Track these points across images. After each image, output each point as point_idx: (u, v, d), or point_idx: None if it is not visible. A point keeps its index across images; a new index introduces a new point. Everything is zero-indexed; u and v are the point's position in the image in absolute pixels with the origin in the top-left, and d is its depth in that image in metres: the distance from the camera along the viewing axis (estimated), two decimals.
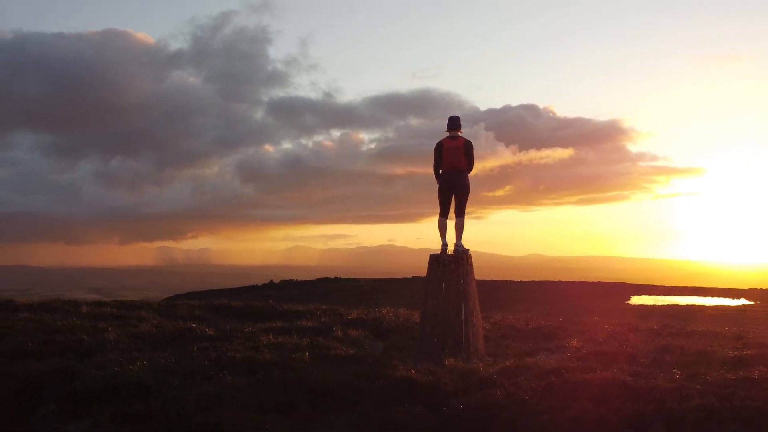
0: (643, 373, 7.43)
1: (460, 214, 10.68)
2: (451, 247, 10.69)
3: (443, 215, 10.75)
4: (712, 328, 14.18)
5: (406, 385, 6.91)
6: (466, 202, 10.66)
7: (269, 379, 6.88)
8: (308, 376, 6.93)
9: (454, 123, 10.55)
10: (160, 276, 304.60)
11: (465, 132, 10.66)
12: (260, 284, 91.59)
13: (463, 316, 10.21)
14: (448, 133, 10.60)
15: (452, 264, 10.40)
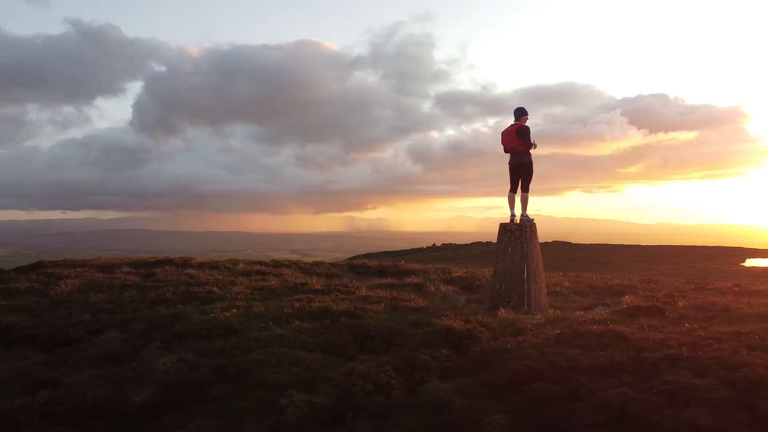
0: (656, 325, 7.10)
1: (524, 190, 10.59)
2: (518, 218, 10.65)
3: (512, 190, 10.71)
4: None
5: (445, 331, 7.12)
6: (528, 178, 10.55)
7: (335, 324, 7.33)
8: (365, 322, 7.32)
9: (515, 113, 10.53)
10: (346, 240, 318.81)
11: (604, 117, 10.76)
12: (425, 247, 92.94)
13: (525, 275, 10.20)
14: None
15: (517, 231, 10.41)
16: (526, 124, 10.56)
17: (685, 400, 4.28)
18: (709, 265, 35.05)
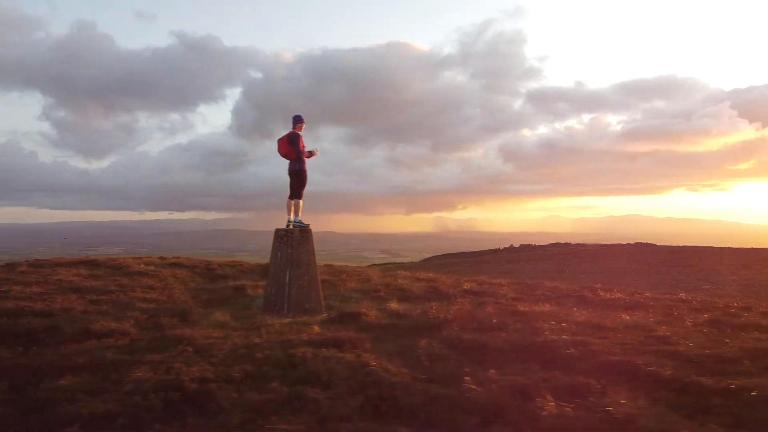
0: (278, 331, 7.30)
1: (296, 196, 10.81)
2: (292, 223, 10.86)
3: (290, 196, 10.92)
4: None
5: (83, 331, 7.60)
6: (298, 185, 10.75)
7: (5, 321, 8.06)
8: (25, 321, 7.94)
9: (293, 120, 10.77)
10: (434, 240, 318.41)
11: (710, 110, 10.86)
12: (501, 248, 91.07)
13: (287, 280, 10.41)
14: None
15: (285, 237, 10.63)
16: (300, 132, 10.77)
17: None
18: None
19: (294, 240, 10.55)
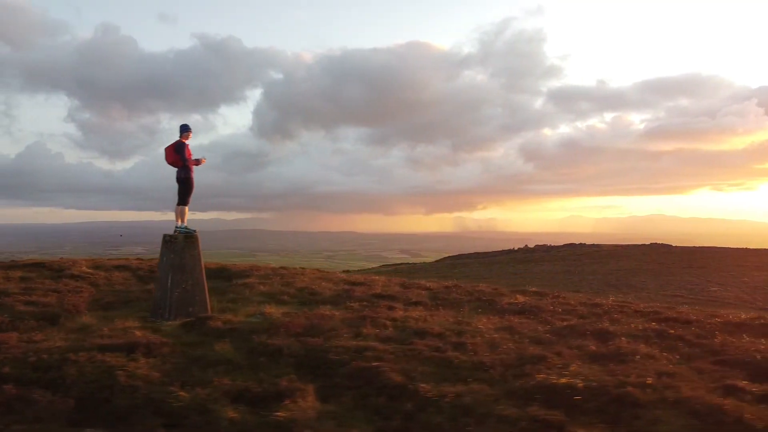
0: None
1: (181, 203, 11.12)
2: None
3: (177, 203, 11.26)
4: None
5: None
6: (184, 192, 11.05)
7: None
8: None
9: (179, 129, 11.08)
10: (454, 240, 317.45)
11: (736, 108, 11.30)
12: (515, 248, 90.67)
13: (169, 284, 10.75)
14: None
15: (170, 242, 10.96)
16: (187, 141, 11.11)
17: None
18: None
19: (178, 245, 10.89)
